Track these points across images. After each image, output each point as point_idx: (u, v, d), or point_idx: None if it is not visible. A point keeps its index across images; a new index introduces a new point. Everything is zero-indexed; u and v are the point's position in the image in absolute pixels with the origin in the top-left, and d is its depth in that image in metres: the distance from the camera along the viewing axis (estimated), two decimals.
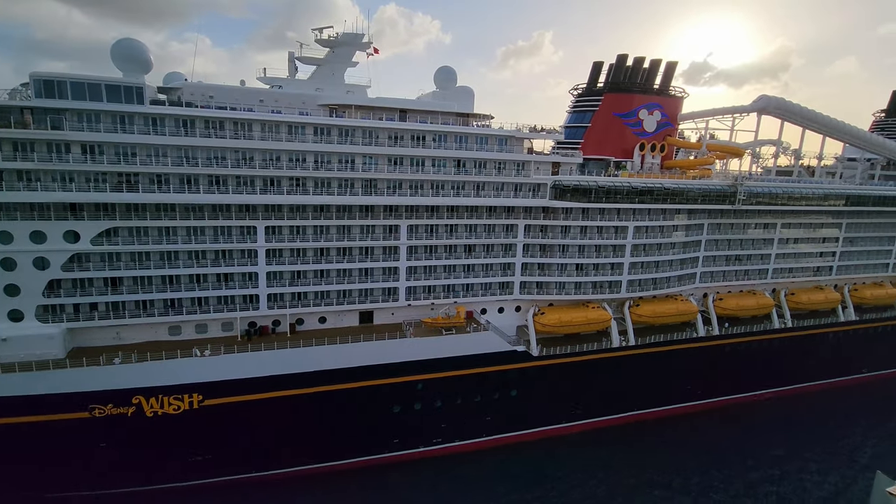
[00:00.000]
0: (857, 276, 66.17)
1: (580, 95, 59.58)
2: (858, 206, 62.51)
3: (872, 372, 66.00)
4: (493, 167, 47.05)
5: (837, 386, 63.64)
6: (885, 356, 66.43)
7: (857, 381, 65.03)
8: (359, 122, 43.16)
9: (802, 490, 42.56)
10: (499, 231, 48.23)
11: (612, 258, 51.01)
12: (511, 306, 50.88)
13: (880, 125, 78.98)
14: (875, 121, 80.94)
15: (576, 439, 49.03)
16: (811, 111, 62.14)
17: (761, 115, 64.27)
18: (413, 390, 43.31)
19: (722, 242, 57.56)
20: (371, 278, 45.34)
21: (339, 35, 46.16)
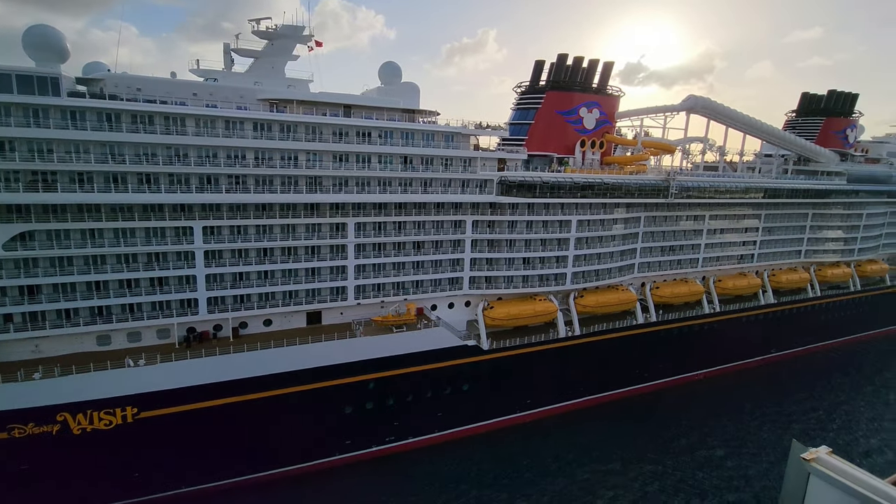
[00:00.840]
0: (775, 262, 71.81)
1: (523, 93, 60.69)
2: (774, 198, 67.83)
3: (790, 349, 71.83)
4: (440, 164, 47.01)
5: (767, 362, 68.81)
6: (800, 335, 72.52)
7: (778, 358, 70.59)
8: (302, 117, 41.75)
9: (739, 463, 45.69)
10: (447, 227, 48.32)
11: (558, 251, 52.47)
12: (461, 301, 51.20)
13: (792, 124, 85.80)
14: (787, 120, 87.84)
15: (528, 429, 50.11)
16: (733, 111, 66.60)
17: (690, 114, 68.22)
18: (365, 390, 42.66)
19: (657, 234, 60.67)
20: (318, 278, 44.13)
21: (278, 27, 44.42)
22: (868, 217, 77.87)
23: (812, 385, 63.03)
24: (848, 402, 58.67)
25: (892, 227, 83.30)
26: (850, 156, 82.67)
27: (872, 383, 64.53)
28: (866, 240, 78.82)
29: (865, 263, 79.71)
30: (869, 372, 68.20)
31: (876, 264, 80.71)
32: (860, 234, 77.46)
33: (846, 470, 4.01)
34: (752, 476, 43.65)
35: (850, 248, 77.12)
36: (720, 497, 40.91)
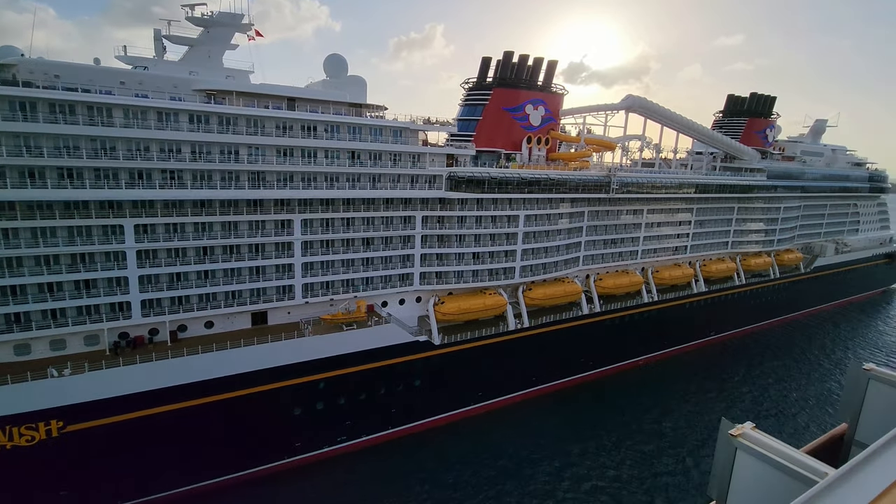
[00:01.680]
0: (706, 253, 76.47)
1: (471, 90, 60.89)
2: (705, 193, 72.16)
3: (721, 334, 76.81)
4: (388, 159, 46.38)
5: (697, 347, 73.13)
6: (730, 320, 77.66)
7: (713, 342, 75.25)
8: (243, 109, 39.87)
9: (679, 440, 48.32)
10: (397, 223, 47.80)
11: (506, 246, 53.25)
12: (412, 297, 50.91)
13: (719, 124, 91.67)
14: (715, 120, 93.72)
15: (482, 421, 50.66)
16: (668, 110, 70.07)
17: (628, 113, 71.03)
18: (315, 390, 41.54)
19: (600, 228, 62.92)
20: (263, 277, 42.44)
21: (214, 14, 42.06)
22: (785, 210, 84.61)
23: (742, 366, 67.71)
24: (775, 381, 63.47)
25: (805, 219, 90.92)
26: (769, 154, 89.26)
27: (793, 362, 70.18)
28: (784, 231, 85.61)
29: (783, 253, 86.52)
30: (788, 352, 74.10)
31: (792, 253, 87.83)
32: (778, 226, 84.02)
33: (768, 443, 4.48)
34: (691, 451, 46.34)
35: (770, 239, 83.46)
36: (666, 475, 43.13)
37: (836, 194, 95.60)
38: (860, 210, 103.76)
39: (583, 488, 41.02)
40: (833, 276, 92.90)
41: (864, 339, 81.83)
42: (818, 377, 65.33)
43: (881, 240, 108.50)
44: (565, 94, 64.03)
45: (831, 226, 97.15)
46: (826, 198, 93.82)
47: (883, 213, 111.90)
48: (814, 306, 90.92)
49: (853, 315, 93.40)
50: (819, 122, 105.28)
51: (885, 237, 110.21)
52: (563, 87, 63.25)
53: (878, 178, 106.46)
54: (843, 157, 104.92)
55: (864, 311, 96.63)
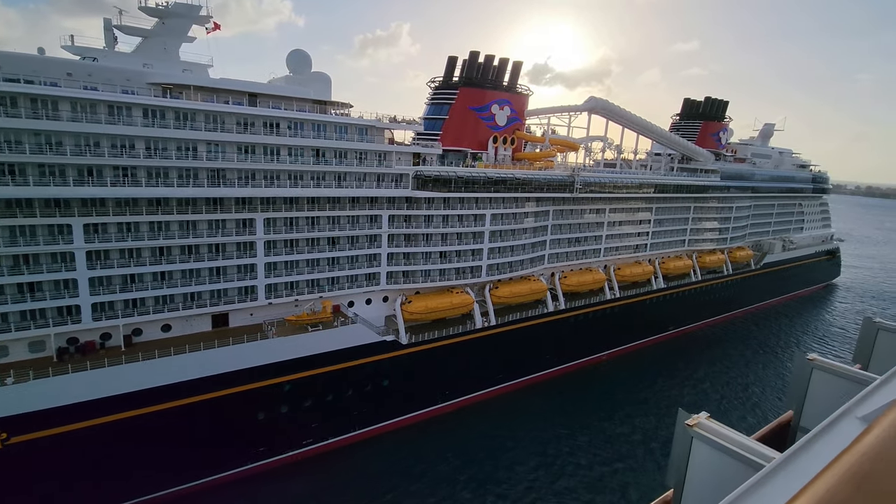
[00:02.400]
0: (664, 251, 79.11)
1: (437, 88, 60.81)
2: (663, 193, 74.62)
3: (680, 328, 79.61)
4: (354, 157, 45.74)
5: (658, 341, 75.57)
6: (688, 315, 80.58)
7: (669, 337, 77.92)
8: (202, 105, 38.40)
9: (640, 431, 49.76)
10: (363, 222, 47.22)
11: (473, 245, 53.47)
12: (379, 297, 50.43)
13: (676, 126, 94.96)
14: (673, 123, 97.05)
15: (450, 419, 50.69)
16: (628, 112, 72.00)
17: (591, 115, 72.61)
18: (279, 393, 40.54)
19: (564, 227, 64.07)
20: (224, 277, 41.07)
21: (170, 4, 40.33)
22: (737, 210, 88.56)
23: (700, 359, 70.42)
24: (730, 372, 66.32)
25: (755, 218, 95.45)
26: (722, 156, 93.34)
27: (747, 354, 73.54)
28: (736, 230, 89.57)
29: (735, 250, 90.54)
30: (742, 345, 77.61)
31: (743, 251, 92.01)
32: (731, 224, 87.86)
33: (722, 432, 4.80)
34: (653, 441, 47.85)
35: (723, 237, 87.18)
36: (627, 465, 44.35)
37: (783, 195, 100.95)
38: (804, 210, 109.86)
39: (553, 481, 41.68)
40: (781, 271, 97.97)
41: (810, 330, 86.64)
42: (770, 367, 68.72)
43: (823, 237, 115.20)
44: (530, 95, 64.83)
45: (779, 224, 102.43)
46: (774, 198, 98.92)
47: (825, 212, 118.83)
48: (764, 300, 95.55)
49: (799, 308, 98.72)
50: (767, 126, 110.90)
51: (826, 235, 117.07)
52: (529, 88, 64.03)
53: (820, 179, 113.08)
54: (789, 159, 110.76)
55: (809, 304, 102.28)
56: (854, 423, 3.66)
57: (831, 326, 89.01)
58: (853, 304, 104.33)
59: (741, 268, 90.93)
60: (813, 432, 3.68)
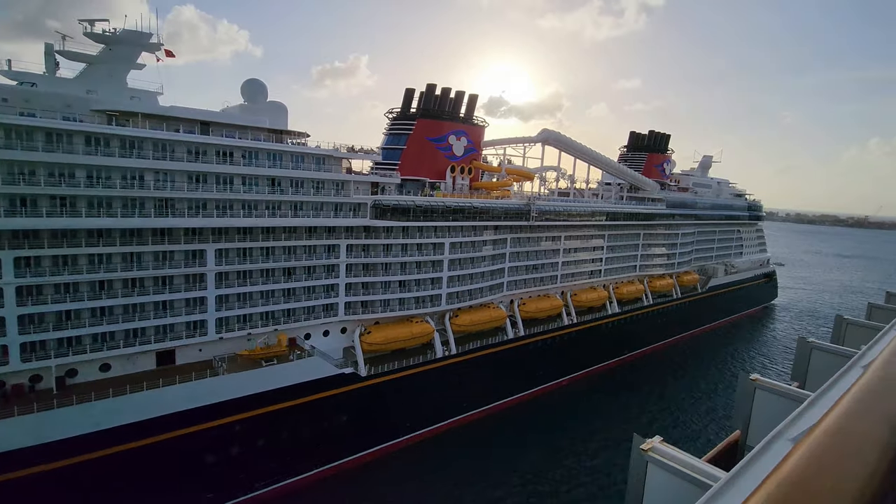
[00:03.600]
0: (617, 277, 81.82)
1: (395, 119, 61.66)
2: (615, 220, 77.68)
3: (633, 352, 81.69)
4: (311, 186, 45.20)
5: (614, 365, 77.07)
6: (641, 339, 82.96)
7: (624, 361, 79.70)
8: (149, 132, 37.12)
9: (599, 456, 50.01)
10: (320, 252, 46.37)
11: (432, 273, 53.45)
12: (336, 328, 49.20)
13: (624, 157, 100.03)
14: (621, 154, 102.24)
15: (411, 452, 49.29)
16: (580, 144, 75.38)
17: (544, 146, 75.47)
18: (230, 433, 38.29)
19: (522, 254, 65.28)
20: (171, 312, 38.99)
21: (118, 31, 39.24)
22: (682, 236, 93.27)
23: (653, 382, 72.21)
24: (682, 394, 68.31)
25: (699, 244, 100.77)
26: (667, 185, 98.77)
27: (697, 375, 76.16)
28: (682, 255, 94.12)
29: (682, 275, 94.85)
30: (692, 366, 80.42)
31: (690, 275, 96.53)
32: (678, 250, 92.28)
33: (675, 455, 5.02)
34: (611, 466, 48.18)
35: (671, 262, 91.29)
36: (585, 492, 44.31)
37: (723, 222, 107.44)
38: (743, 235, 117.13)
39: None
40: (724, 294, 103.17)
41: (753, 350, 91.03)
42: (721, 387, 71.33)
43: (761, 261, 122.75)
44: (486, 127, 66.73)
45: (721, 249, 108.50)
46: (715, 225, 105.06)
47: (760, 237, 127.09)
48: (710, 322, 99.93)
49: (743, 329, 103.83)
50: (706, 158, 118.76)
51: (763, 259, 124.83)
52: (485, 120, 65.97)
53: (755, 207, 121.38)
54: (727, 188, 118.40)
55: (751, 325, 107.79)
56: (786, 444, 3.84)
57: (772, 346, 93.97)
58: (791, 323, 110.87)
59: (689, 291, 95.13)
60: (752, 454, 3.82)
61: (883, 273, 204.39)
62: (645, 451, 5.74)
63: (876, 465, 1.92)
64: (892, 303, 13.93)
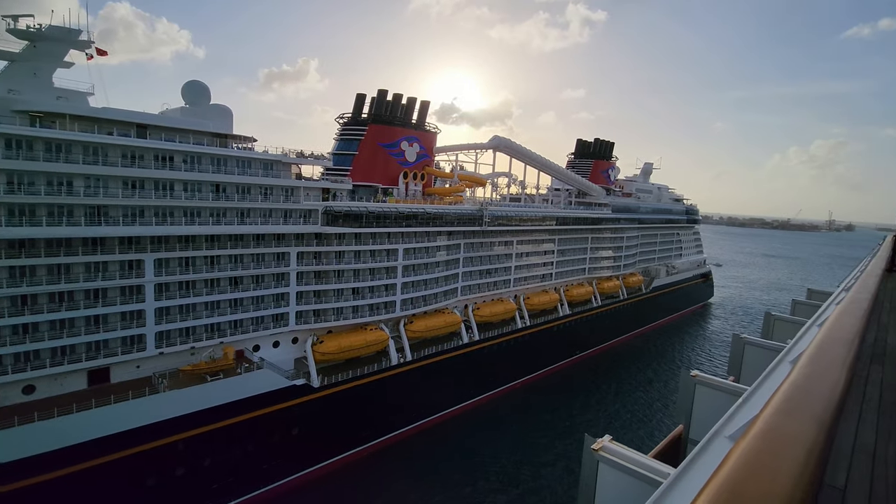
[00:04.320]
0: (567, 279, 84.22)
1: (346, 124, 60.84)
2: (564, 225, 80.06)
3: (587, 351, 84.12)
4: (258, 193, 43.69)
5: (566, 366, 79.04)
6: (592, 339, 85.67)
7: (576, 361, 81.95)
8: (79, 135, 34.65)
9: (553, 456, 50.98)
10: (269, 260, 44.84)
11: (386, 280, 52.93)
12: (287, 339, 47.66)
13: (572, 164, 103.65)
14: (569, 161, 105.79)
15: (367, 464, 48.33)
16: (530, 151, 77.19)
17: (496, 152, 76.73)
18: (173, 453, 36.13)
19: (475, 259, 65.91)
20: (105, 327, 36.41)
21: (43, 27, 36.51)
22: (627, 239, 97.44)
23: (603, 381, 74.70)
24: (631, 391, 70.98)
25: (642, 247, 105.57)
26: (612, 191, 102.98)
27: (644, 372, 79.40)
28: (628, 257, 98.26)
29: (628, 276, 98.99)
30: (639, 364, 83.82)
31: (635, 276, 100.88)
32: (623, 252, 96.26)
33: (623, 453, 5.29)
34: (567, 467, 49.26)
35: (617, 265, 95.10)
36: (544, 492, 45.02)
37: (664, 225, 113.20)
38: (681, 238, 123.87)
39: None
40: (667, 294, 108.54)
41: (696, 347, 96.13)
42: (667, 383, 74.70)
43: (698, 262, 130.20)
44: (439, 133, 67.17)
45: (662, 252, 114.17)
46: (657, 228, 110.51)
47: (697, 240, 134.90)
48: (655, 321, 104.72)
49: (684, 326, 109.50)
50: (647, 165, 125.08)
51: (700, 260, 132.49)
52: (437, 126, 66.38)
53: (692, 211, 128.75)
54: (666, 194, 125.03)
55: (691, 322, 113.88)
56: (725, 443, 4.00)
57: (711, 342, 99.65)
58: (726, 320, 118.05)
59: (634, 292, 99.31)
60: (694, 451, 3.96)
61: (804, 271, 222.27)
62: (595, 450, 5.86)
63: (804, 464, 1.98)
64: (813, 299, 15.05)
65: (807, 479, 1.87)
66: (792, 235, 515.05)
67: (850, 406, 5.57)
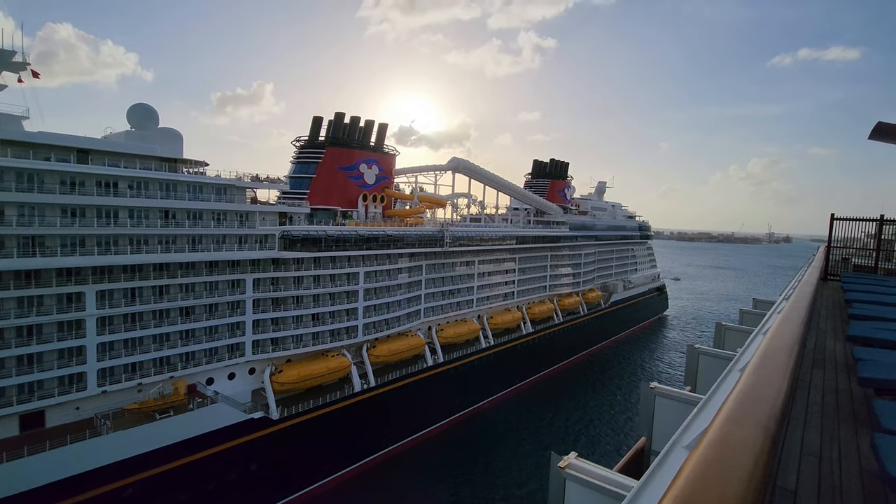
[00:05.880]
0: (529, 297, 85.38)
1: (303, 147, 60.22)
2: (524, 244, 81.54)
3: (547, 369, 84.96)
4: (210, 219, 42.30)
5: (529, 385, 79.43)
6: (555, 355, 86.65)
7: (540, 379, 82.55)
8: (11, 161, 32.65)
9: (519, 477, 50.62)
10: (223, 288, 43.21)
11: (347, 304, 52.00)
12: (244, 370, 45.72)
13: (529, 184, 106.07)
14: (526, 181, 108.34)
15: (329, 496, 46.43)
16: (488, 172, 78.71)
17: (455, 173, 77.84)
18: (119, 499, 33.55)
19: (438, 280, 65.91)
20: (39, 366, 33.83)
21: None
22: (585, 256, 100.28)
23: (567, 398, 75.43)
24: (595, 406, 71.96)
25: (600, 263, 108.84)
26: (568, 209, 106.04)
27: (607, 387, 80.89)
28: (586, 274, 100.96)
29: (588, 292, 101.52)
30: (601, 378, 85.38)
31: (594, 292, 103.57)
32: (582, 269, 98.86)
33: (589, 469, 5.45)
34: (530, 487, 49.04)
35: (577, 281, 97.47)
36: None
37: (619, 241, 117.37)
38: (636, 253, 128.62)
39: None
40: (624, 308, 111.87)
41: (655, 358, 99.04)
42: (630, 395, 76.28)
43: (652, 276, 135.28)
44: (397, 155, 67.49)
45: (619, 267, 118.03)
46: (613, 245, 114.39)
47: (650, 255, 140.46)
48: (615, 335, 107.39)
49: (642, 339, 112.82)
50: (601, 184, 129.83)
51: (654, 274, 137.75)
52: (395, 148, 66.75)
53: (645, 227, 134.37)
54: (620, 211, 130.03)
55: (648, 335, 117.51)
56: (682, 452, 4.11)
57: (668, 353, 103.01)
58: (682, 330, 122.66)
59: (594, 307, 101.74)
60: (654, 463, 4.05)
61: (749, 281, 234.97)
62: (562, 468, 5.88)
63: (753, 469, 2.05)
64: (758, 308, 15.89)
65: (755, 483, 1.95)
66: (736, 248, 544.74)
67: (796, 410, 5.85)
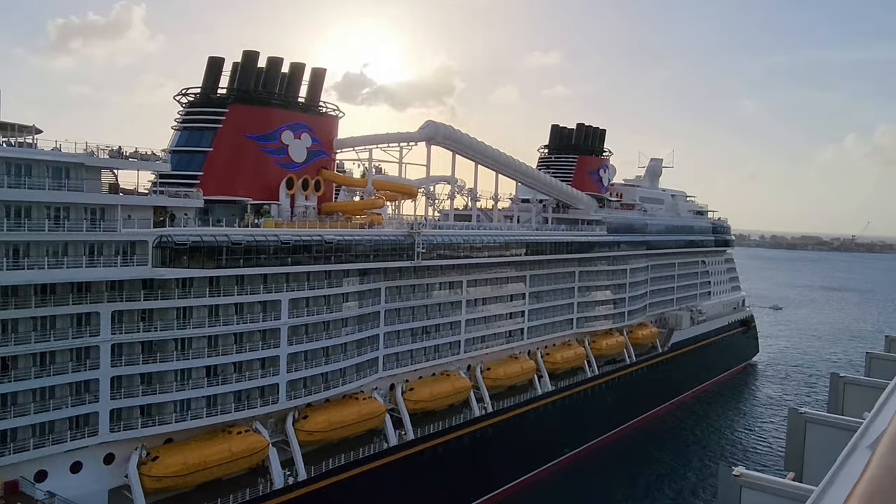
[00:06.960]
0: (547, 336, 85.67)
1: (193, 105, 59.62)
2: (538, 254, 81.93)
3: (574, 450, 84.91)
4: (43, 216, 41.52)
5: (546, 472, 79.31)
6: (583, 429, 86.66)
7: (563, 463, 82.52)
8: None
9: None
10: (62, 328, 42.33)
11: (262, 351, 51.55)
12: (97, 456, 44.86)
13: (546, 162, 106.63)
14: (541, 157, 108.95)
15: None
16: (481, 143, 79.04)
17: (431, 146, 77.70)
18: None
19: (405, 311, 65.74)
20: None
21: None
22: (632, 273, 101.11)
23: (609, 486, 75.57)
24: None
25: (654, 283, 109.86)
26: (606, 201, 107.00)
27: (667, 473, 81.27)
28: (634, 300, 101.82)
29: (636, 328, 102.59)
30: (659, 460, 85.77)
31: (646, 328, 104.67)
32: (627, 293, 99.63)
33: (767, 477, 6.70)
34: None
35: (620, 312, 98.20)
36: None
37: (683, 250, 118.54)
38: (709, 268, 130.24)
39: None
40: (693, 352, 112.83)
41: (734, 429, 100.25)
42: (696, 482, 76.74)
43: (734, 303, 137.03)
44: (341, 117, 67.40)
45: (682, 289, 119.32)
46: (673, 255, 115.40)
47: (731, 270, 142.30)
48: (678, 395, 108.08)
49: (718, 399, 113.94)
50: (654, 162, 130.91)
51: (737, 300, 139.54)
52: (338, 108, 66.72)
53: (721, 229, 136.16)
54: (684, 204, 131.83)
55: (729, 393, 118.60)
56: None
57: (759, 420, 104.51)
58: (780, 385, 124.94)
59: (646, 352, 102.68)
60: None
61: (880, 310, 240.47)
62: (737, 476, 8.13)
63: None
64: (893, 350, 16.01)
65: None
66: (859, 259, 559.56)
67: None
